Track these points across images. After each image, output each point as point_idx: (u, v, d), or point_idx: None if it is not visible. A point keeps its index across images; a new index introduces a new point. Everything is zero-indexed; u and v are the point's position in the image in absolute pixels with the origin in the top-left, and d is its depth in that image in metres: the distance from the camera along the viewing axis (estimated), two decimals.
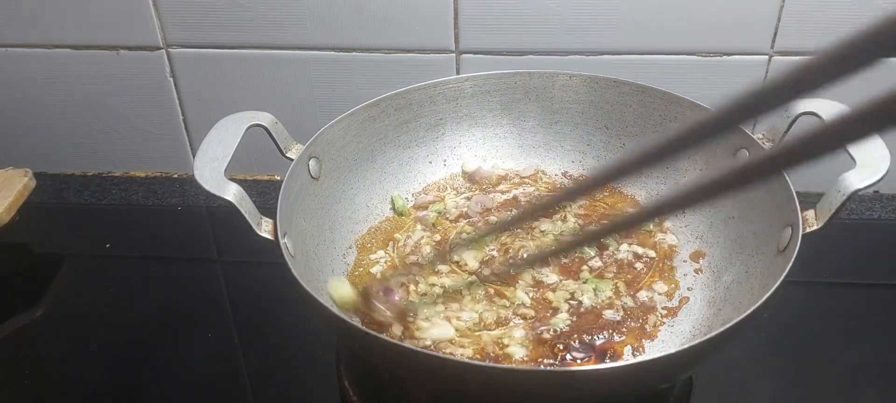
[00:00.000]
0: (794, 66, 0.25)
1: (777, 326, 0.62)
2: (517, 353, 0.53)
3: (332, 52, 0.77)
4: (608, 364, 0.51)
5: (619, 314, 0.56)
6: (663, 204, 0.38)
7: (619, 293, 0.58)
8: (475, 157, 0.71)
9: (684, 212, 0.64)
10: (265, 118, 0.58)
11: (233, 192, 0.50)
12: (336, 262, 0.61)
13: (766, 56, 0.73)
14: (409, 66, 0.77)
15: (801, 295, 0.65)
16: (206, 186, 0.50)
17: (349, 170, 0.65)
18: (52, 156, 0.87)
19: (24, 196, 0.76)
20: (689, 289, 0.59)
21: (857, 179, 0.50)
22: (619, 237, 0.63)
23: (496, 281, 0.59)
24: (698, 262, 0.61)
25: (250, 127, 0.57)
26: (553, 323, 0.55)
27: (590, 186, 0.53)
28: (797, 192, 0.52)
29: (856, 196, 0.50)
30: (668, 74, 0.75)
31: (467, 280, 0.59)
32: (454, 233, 0.64)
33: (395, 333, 0.55)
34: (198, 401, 0.59)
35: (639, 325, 0.56)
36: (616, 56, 0.75)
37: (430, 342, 0.54)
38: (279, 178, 0.76)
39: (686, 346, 0.42)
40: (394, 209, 0.67)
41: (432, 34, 0.75)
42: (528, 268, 0.59)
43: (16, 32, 0.78)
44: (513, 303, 0.57)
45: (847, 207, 0.51)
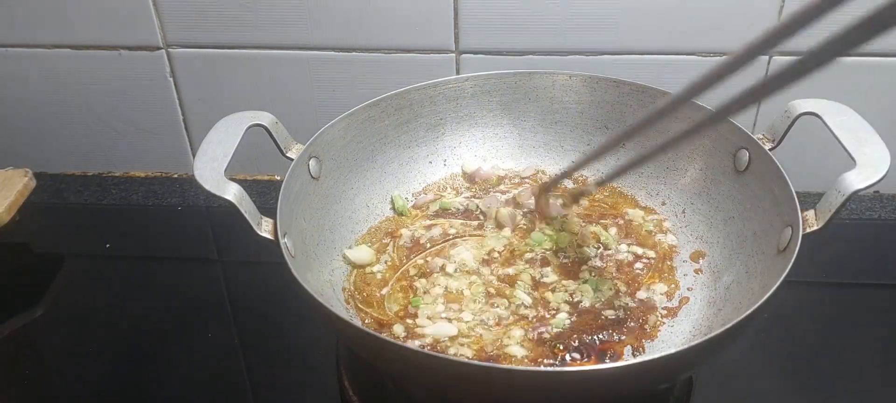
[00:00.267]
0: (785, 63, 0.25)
1: (777, 326, 0.63)
2: (517, 353, 0.53)
3: (332, 52, 0.77)
4: (608, 364, 0.51)
5: (619, 314, 0.56)
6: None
7: (619, 293, 0.58)
8: (475, 157, 0.71)
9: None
10: (265, 118, 0.58)
11: (233, 192, 0.50)
12: (336, 262, 0.61)
13: (766, 56, 0.73)
14: (409, 66, 0.77)
15: (801, 295, 0.65)
16: (206, 186, 0.50)
17: (349, 170, 0.65)
18: (52, 156, 0.87)
19: (24, 196, 0.76)
20: (689, 289, 0.59)
21: (857, 179, 0.50)
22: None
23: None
24: (698, 262, 0.61)
25: (250, 127, 0.57)
26: (553, 323, 0.55)
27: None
28: (797, 192, 0.52)
29: (856, 196, 0.50)
30: (668, 74, 0.75)
31: (469, 279, 0.60)
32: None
33: (396, 333, 0.55)
34: (198, 401, 0.59)
35: (639, 325, 0.56)
36: (616, 56, 0.75)
37: (431, 339, 0.54)
38: (279, 178, 0.76)
39: (686, 346, 0.42)
40: (394, 209, 0.67)
41: (432, 34, 0.75)
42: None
43: (16, 32, 0.78)
44: (513, 303, 0.57)
45: (847, 207, 0.51)
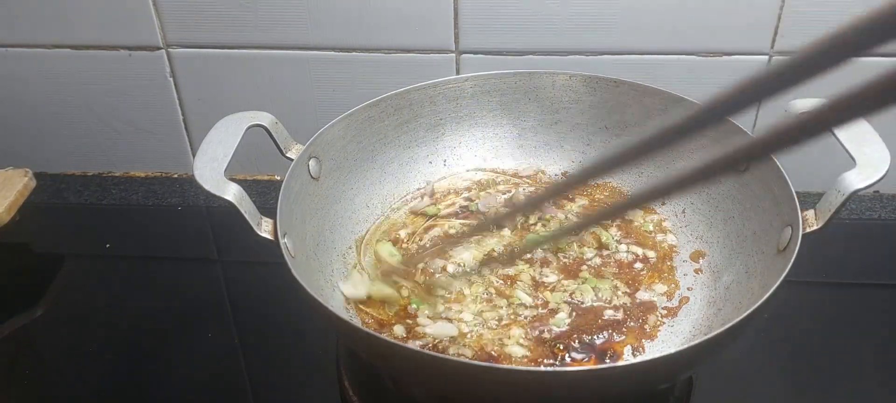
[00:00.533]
0: (780, 62, 0.25)
1: (777, 326, 0.63)
2: (517, 353, 0.53)
3: (332, 52, 0.77)
4: (608, 364, 0.51)
5: (619, 314, 0.56)
6: (656, 189, 0.38)
7: (618, 293, 0.58)
8: (475, 157, 0.71)
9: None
10: (265, 118, 0.58)
11: (233, 192, 0.50)
12: (336, 262, 0.61)
13: (766, 56, 0.73)
14: (409, 66, 0.77)
15: (801, 295, 0.65)
16: (206, 186, 0.50)
17: (349, 170, 0.65)
18: (52, 156, 0.87)
19: (24, 196, 0.76)
20: (689, 289, 0.59)
21: (857, 179, 0.50)
22: (617, 223, 0.65)
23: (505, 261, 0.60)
24: (698, 262, 0.61)
25: (250, 127, 0.57)
26: (553, 322, 0.55)
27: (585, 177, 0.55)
28: (797, 192, 0.52)
29: (856, 196, 0.50)
30: (668, 74, 0.75)
31: (468, 277, 0.60)
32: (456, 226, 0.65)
33: (396, 333, 0.55)
34: (198, 401, 0.59)
35: (639, 325, 0.56)
36: (616, 56, 0.75)
37: (431, 339, 0.54)
38: (279, 178, 0.76)
39: (686, 346, 0.42)
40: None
41: (432, 34, 0.75)
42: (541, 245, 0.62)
43: (16, 32, 0.78)
44: (513, 303, 0.57)
45: (847, 207, 0.51)
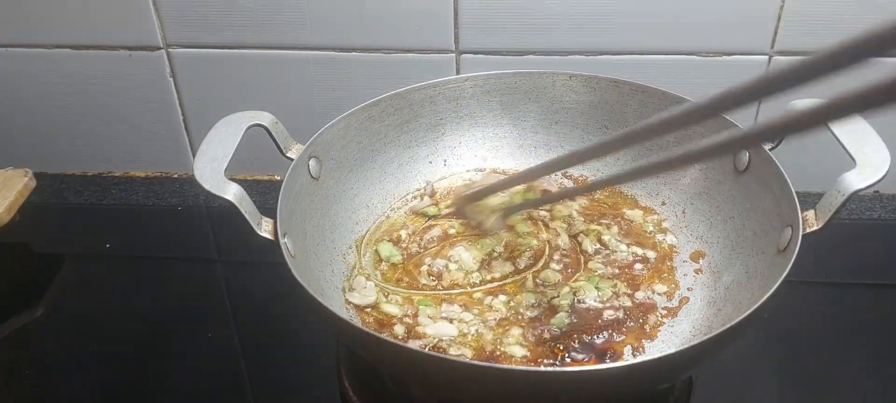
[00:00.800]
0: (787, 63, 0.25)
1: (777, 326, 0.63)
2: (517, 353, 0.53)
3: (332, 52, 0.77)
4: (608, 364, 0.51)
5: (620, 314, 0.56)
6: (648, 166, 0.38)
7: (618, 293, 0.58)
8: (475, 157, 0.71)
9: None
10: (265, 118, 0.58)
11: (233, 192, 0.50)
12: (336, 262, 0.61)
13: (766, 56, 0.73)
14: (409, 66, 0.77)
15: (801, 295, 0.65)
16: (206, 186, 0.50)
17: (349, 170, 0.65)
18: (52, 156, 0.87)
19: (24, 196, 0.76)
20: (689, 289, 0.59)
21: (857, 179, 0.50)
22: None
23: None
24: (698, 262, 0.61)
25: (250, 127, 0.57)
26: (553, 322, 0.55)
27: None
28: (797, 192, 0.52)
29: (856, 196, 0.50)
30: (668, 74, 0.75)
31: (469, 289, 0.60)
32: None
33: (396, 333, 0.55)
34: (198, 401, 0.59)
35: (639, 325, 0.56)
36: (616, 56, 0.75)
37: (431, 339, 0.54)
38: (279, 178, 0.76)
39: (686, 346, 0.42)
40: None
41: (432, 34, 0.75)
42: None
43: (16, 32, 0.78)
44: (513, 304, 0.57)
45: (847, 207, 0.51)
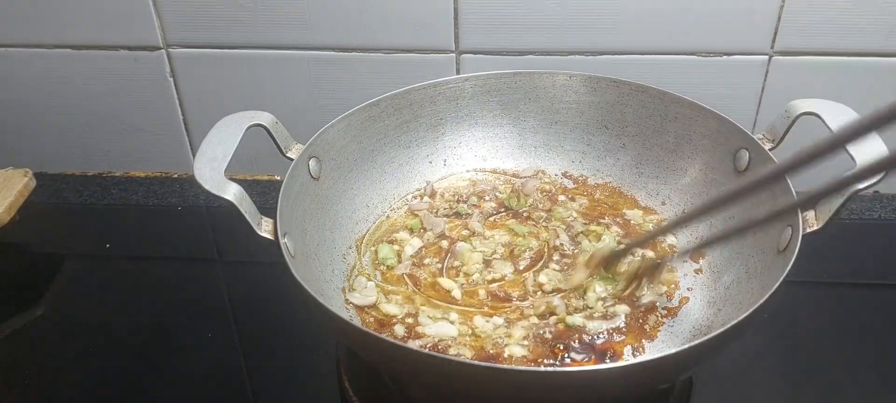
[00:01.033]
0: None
1: (777, 326, 0.63)
2: (517, 353, 0.53)
3: (332, 52, 0.77)
4: (608, 364, 0.51)
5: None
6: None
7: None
8: (475, 157, 0.71)
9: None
10: (265, 118, 0.58)
11: (233, 192, 0.50)
12: (336, 262, 0.61)
13: (766, 56, 0.73)
14: (409, 66, 0.77)
15: (801, 295, 0.65)
16: (206, 186, 0.50)
17: (349, 170, 0.65)
18: (52, 156, 0.87)
19: (24, 196, 0.76)
20: (689, 289, 0.59)
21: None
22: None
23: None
24: (698, 262, 0.61)
25: (250, 127, 0.57)
26: (567, 321, 0.55)
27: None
28: (797, 192, 0.52)
29: (856, 196, 0.50)
30: (668, 74, 0.75)
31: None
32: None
33: (396, 333, 0.55)
34: (198, 401, 0.59)
35: (639, 325, 0.56)
36: (616, 56, 0.75)
37: (431, 339, 0.54)
38: (279, 178, 0.76)
39: (686, 346, 0.42)
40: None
41: (432, 34, 0.75)
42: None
43: (16, 32, 0.78)
44: (513, 303, 0.57)
45: (847, 207, 0.51)
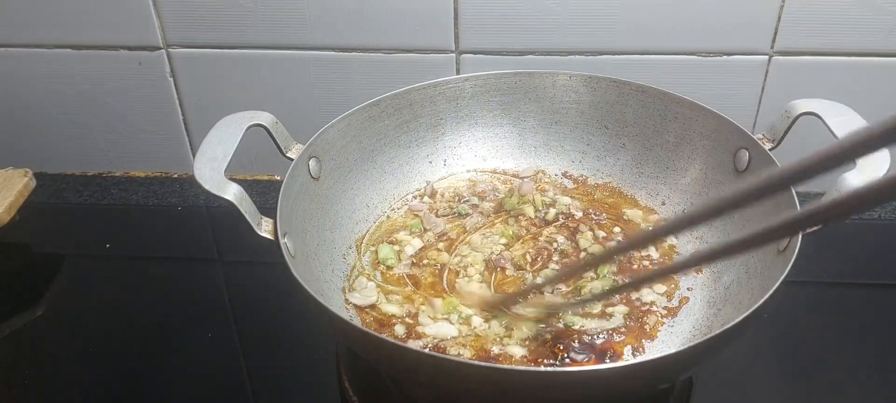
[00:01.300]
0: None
1: (777, 326, 0.63)
2: (517, 353, 0.53)
3: (332, 52, 0.77)
4: (608, 364, 0.51)
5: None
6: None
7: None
8: (475, 157, 0.71)
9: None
10: (265, 118, 0.58)
11: (233, 192, 0.50)
12: (336, 262, 0.61)
13: (766, 56, 0.73)
14: (409, 66, 0.77)
15: (801, 295, 0.65)
16: (206, 186, 0.50)
17: (349, 170, 0.65)
18: (52, 156, 0.87)
19: (24, 196, 0.76)
20: (689, 289, 0.59)
21: (857, 179, 0.50)
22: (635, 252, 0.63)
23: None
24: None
25: (250, 127, 0.57)
26: (566, 321, 0.55)
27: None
28: (797, 192, 0.52)
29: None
30: (668, 74, 0.75)
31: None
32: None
33: (396, 333, 0.55)
34: (198, 401, 0.59)
35: (639, 325, 0.56)
36: (616, 56, 0.75)
37: (431, 339, 0.54)
38: (279, 178, 0.76)
39: (686, 346, 0.42)
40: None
41: (432, 34, 0.75)
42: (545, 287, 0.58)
43: (16, 32, 0.78)
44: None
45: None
